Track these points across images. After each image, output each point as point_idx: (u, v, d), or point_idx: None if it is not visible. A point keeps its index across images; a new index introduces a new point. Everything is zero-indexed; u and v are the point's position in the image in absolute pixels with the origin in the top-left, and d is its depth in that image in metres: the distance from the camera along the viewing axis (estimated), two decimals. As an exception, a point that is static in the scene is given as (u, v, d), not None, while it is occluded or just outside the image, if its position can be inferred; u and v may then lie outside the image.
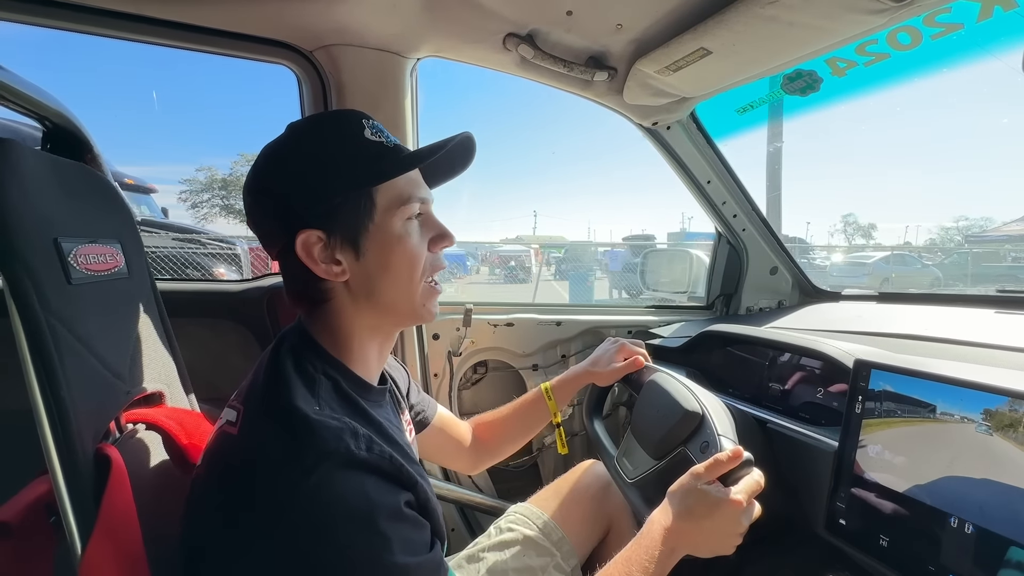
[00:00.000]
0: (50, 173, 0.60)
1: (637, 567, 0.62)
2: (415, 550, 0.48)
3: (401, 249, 0.58)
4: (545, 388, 1.01)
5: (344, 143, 0.58)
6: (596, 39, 1.03)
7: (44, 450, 0.49)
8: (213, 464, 0.54)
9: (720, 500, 0.63)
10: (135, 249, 0.74)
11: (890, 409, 0.68)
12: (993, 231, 24.43)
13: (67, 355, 0.51)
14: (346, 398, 0.57)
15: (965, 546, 0.57)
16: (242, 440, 0.51)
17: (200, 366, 0.89)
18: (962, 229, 25.93)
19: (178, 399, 0.79)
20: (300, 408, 0.49)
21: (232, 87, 54.76)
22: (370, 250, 0.57)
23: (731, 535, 0.64)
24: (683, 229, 27.35)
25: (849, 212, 48.44)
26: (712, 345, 1.21)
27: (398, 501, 0.49)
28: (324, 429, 0.48)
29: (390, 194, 0.57)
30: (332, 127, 0.59)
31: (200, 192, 20.92)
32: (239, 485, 0.48)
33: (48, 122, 0.73)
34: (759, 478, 0.67)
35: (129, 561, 0.51)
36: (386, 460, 0.49)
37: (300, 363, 0.56)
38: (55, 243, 0.55)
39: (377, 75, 1.06)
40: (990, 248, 17.73)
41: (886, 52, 0.94)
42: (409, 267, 0.59)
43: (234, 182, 20.85)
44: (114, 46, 43.22)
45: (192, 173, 23.06)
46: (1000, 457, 0.56)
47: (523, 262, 13.15)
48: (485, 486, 1.48)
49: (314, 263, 0.56)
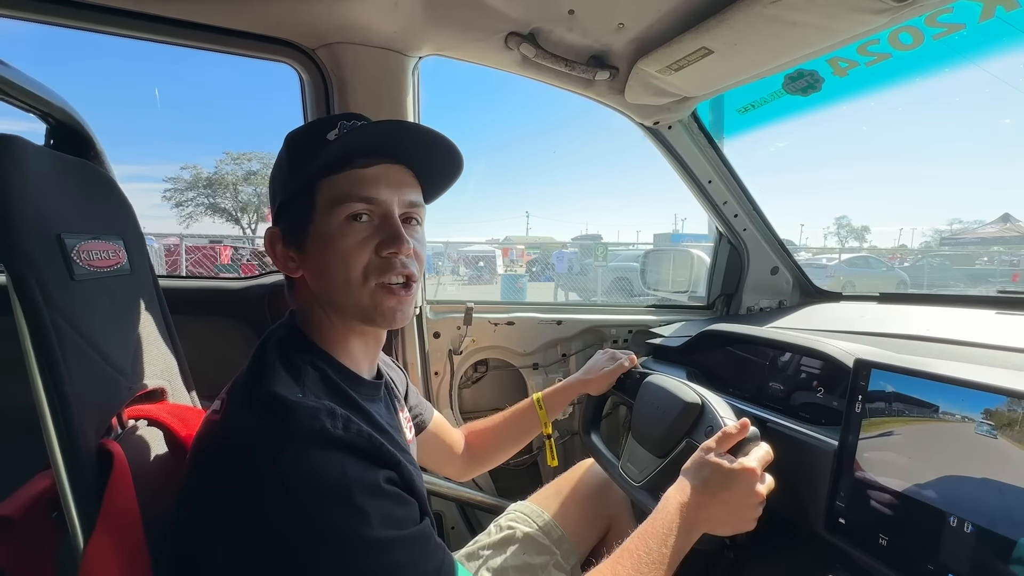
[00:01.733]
0: (53, 169, 0.61)
1: (654, 540, 0.61)
2: (398, 524, 0.47)
3: (332, 249, 0.57)
4: (537, 399, 1.02)
5: (305, 143, 0.60)
6: (598, 38, 1.03)
7: (47, 445, 0.49)
8: (196, 450, 0.55)
9: (734, 470, 0.64)
10: (137, 246, 0.75)
11: (890, 409, 0.68)
12: (969, 234, 24.48)
13: (70, 350, 0.52)
14: (334, 388, 0.56)
15: (964, 545, 0.57)
16: (222, 424, 0.52)
17: (201, 363, 0.89)
18: (955, 232, 25.90)
19: (179, 396, 0.80)
20: (279, 393, 0.49)
21: (231, 84, 54.67)
22: (310, 249, 0.59)
23: (750, 507, 0.64)
24: (675, 230, 27.42)
25: (843, 215, 48.41)
26: (713, 344, 1.21)
27: (377, 477, 0.48)
28: (300, 409, 0.48)
29: (329, 193, 0.57)
30: (309, 129, 0.62)
31: (185, 191, 20.68)
32: (216, 467, 0.49)
33: (51, 118, 0.73)
34: (768, 448, 0.68)
35: (131, 555, 0.51)
36: (364, 438, 0.49)
37: (287, 355, 0.56)
38: (58, 239, 0.55)
39: (379, 73, 1.06)
40: (965, 251, 17.83)
41: (888, 52, 0.94)
42: (342, 268, 0.57)
43: (218, 180, 20.63)
44: (112, 44, 43.14)
45: (177, 171, 22.82)
46: (999, 456, 0.56)
47: (491, 263, 13.02)
48: (485, 484, 1.48)
49: (275, 257, 0.61)
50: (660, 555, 0.60)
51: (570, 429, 1.58)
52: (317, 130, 0.60)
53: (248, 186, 21.24)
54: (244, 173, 21.19)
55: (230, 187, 20.77)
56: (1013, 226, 21.59)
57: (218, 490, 0.47)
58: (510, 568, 0.88)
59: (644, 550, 0.60)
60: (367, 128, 0.58)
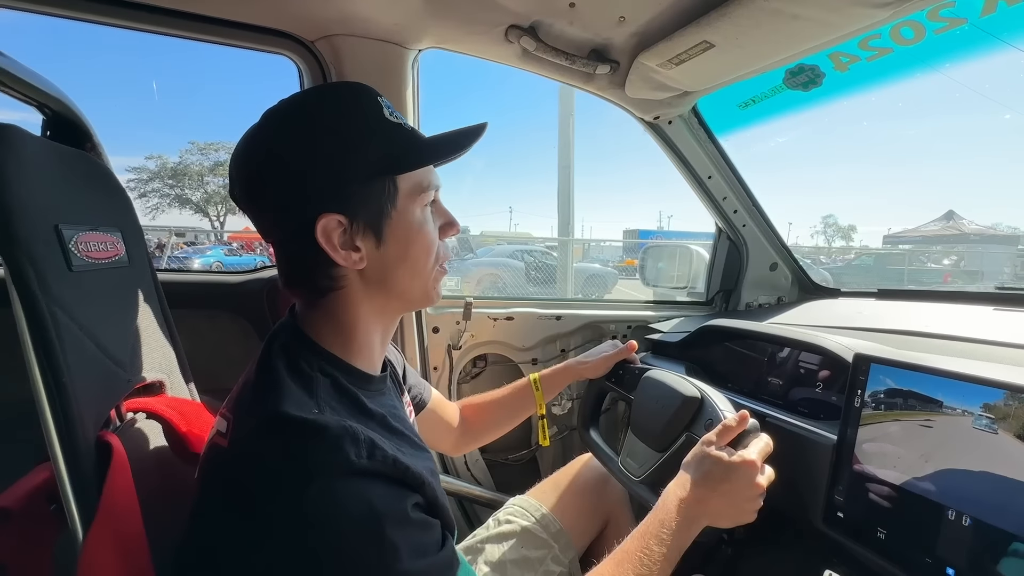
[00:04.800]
0: (51, 160, 0.60)
1: (654, 540, 0.60)
2: (425, 551, 0.47)
3: (421, 237, 0.57)
4: (534, 379, 1.02)
5: (367, 123, 0.54)
6: (598, 32, 1.02)
7: (46, 437, 0.49)
8: (208, 479, 0.51)
9: (734, 462, 0.64)
10: (135, 238, 0.74)
11: (889, 403, 0.68)
12: (911, 232, 24.39)
13: (68, 342, 0.51)
14: (346, 394, 0.54)
15: (962, 538, 0.58)
16: (234, 452, 0.48)
17: (200, 357, 0.89)
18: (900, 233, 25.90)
19: (178, 389, 0.79)
20: (294, 415, 0.46)
21: (229, 76, 54.35)
22: (391, 237, 0.55)
23: (750, 499, 0.64)
24: (660, 227, 27.63)
25: (829, 213, 48.51)
26: (712, 340, 1.21)
27: (405, 506, 0.47)
28: (321, 435, 0.45)
29: (411, 181, 0.56)
30: (352, 102, 0.54)
31: (149, 181, 20.19)
32: (237, 503, 0.46)
33: (48, 109, 0.73)
34: (768, 440, 0.68)
35: (130, 548, 0.51)
36: (389, 464, 0.47)
37: (294, 363, 0.53)
38: (56, 229, 0.55)
39: (379, 66, 1.05)
40: (898, 250, 17.86)
41: (889, 47, 0.93)
42: (427, 255, 0.58)
43: (183, 171, 20.26)
44: (106, 34, 42.73)
45: (142, 162, 21.98)
46: (997, 450, 0.57)
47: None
48: (484, 479, 1.48)
49: (334, 249, 0.52)
50: (661, 553, 0.60)
51: (569, 424, 1.58)
52: (370, 110, 0.54)
53: (216, 177, 20.78)
54: (211, 164, 20.82)
55: (195, 177, 20.32)
56: (955, 224, 21.52)
57: (239, 527, 0.45)
58: (508, 562, 0.88)
59: (645, 549, 0.60)
60: (451, 136, 0.59)
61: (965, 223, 21.45)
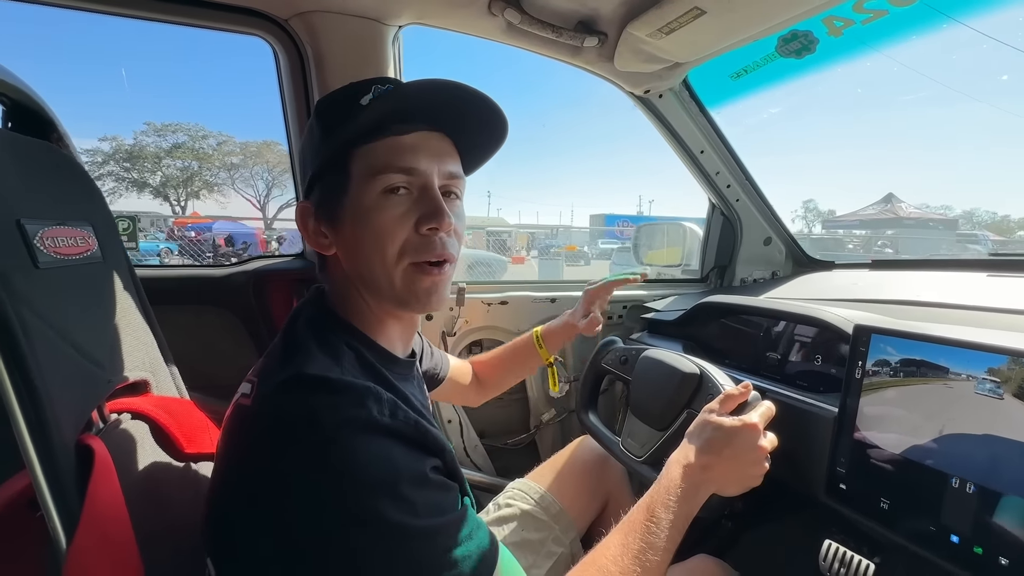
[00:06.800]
0: (10, 151, 0.57)
1: (661, 507, 0.59)
2: (442, 510, 0.46)
3: (368, 225, 0.53)
4: (536, 336, 1.08)
5: (337, 109, 0.55)
6: (585, 2, 0.99)
7: (19, 443, 0.46)
8: (231, 439, 0.51)
9: (736, 426, 0.63)
10: (109, 233, 0.71)
11: (890, 373, 0.67)
12: (849, 216, 24.31)
13: (38, 342, 0.48)
14: (370, 368, 0.53)
15: (966, 506, 0.57)
16: (257, 410, 0.48)
17: (187, 354, 0.86)
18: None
19: (165, 387, 0.77)
20: (318, 373, 0.46)
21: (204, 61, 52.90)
22: (344, 224, 0.55)
23: (754, 463, 0.63)
24: (639, 212, 27.69)
25: (810, 198, 48.59)
26: (708, 317, 1.20)
27: (424, 467, 0.46)
28: (345, 391, 0.45)
29: (365, 163, 0.53)
30: (340, 94, 0.57)
31: (103, 164, 19.03)
32: (258, 458, 0.45)
33: (7, 98, 0.69)
34: (771, 404, 0.68)
35: (119, 552, 0.49)
36: (411, 426, 0.47)
37: (321, 334, 0.53)
38: (18, 224, 0.51)
39: (357, 44, 1.01)
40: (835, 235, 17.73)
41: (884, 9, 0.90)
42: (378, 245, 0.53)
43: (138, 153, 19.29)
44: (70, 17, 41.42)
45: (95, 144, 20.47)
46: (999, 415, 0.56)
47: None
48: (484, 464, 1.48)
49: (306, 233, 0.57)
50: (668, 520, 0.58)
51: (568, 407, 1.57)
52: (349, 95, 0.55)
53: (173, 159, 19.92)
54: (169, 146, 19.90)
55: (151, 159, 19.37)
56: (893, 208, 21.42)
57: (260, 482, 0.44)
58: (509, 545, 0.87)
59: (652, 518, 0.58)
60: (405, 88, 0.54)
61: (903, 207, 21.30)
